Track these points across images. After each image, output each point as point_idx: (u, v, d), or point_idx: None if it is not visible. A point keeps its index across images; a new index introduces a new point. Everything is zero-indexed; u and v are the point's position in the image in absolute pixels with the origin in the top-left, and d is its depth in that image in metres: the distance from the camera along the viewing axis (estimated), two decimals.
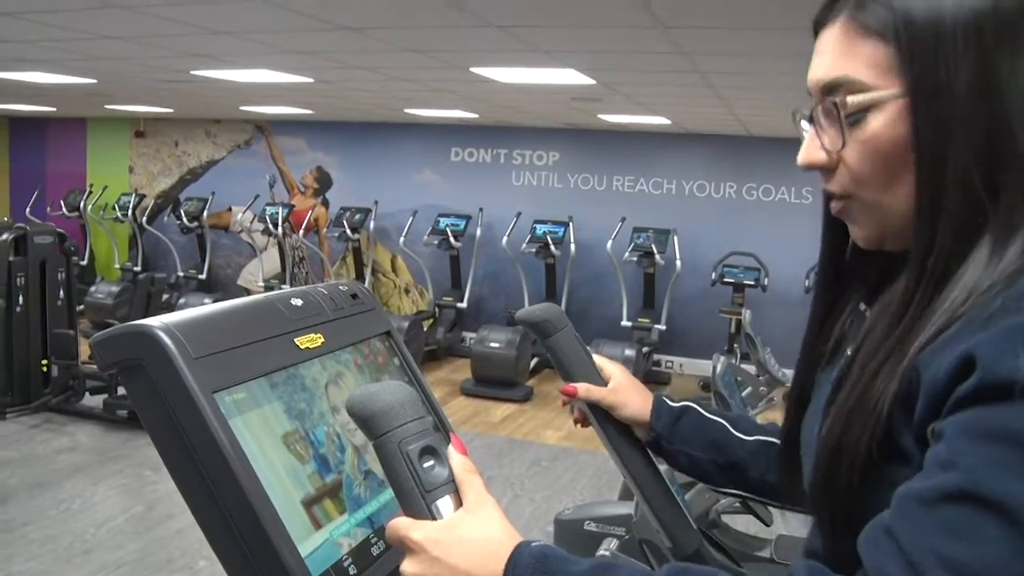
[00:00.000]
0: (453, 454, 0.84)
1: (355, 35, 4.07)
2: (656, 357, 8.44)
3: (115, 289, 8.99)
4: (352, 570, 0.91)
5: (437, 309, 9.17)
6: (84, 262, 10.42)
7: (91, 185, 10.98)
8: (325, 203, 10.17)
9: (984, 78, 0.78)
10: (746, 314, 5.30)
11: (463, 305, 8.95)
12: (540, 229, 8.48)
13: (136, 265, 10.30)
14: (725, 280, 7.80)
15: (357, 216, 9.28)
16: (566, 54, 4.38)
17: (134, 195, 10.46)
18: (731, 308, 7.69)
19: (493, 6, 3.37)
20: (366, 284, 9.23)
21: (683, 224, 8.24)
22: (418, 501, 0.80)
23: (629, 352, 7.11)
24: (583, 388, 1.32)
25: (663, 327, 8.13)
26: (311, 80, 5.86)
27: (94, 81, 6.46)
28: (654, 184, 8.85)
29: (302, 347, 1.01)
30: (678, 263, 7.92)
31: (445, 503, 0.81)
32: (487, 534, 0.81)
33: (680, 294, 8.27)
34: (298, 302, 1.06)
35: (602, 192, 9.06)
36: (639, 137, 8.79)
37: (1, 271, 5.72)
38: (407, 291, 10.00)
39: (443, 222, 8.86)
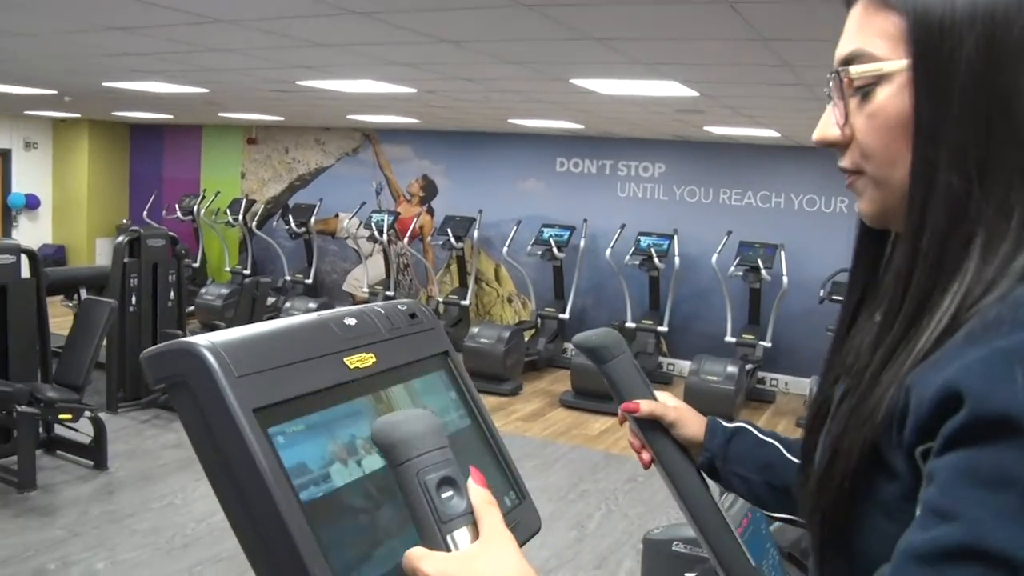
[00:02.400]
0: (472, 486, 0.82)
1: (454, 48, 4.10)
2: (760, 375, 8.27)
3: (224, 291, 9.25)
4: None
5: (539, 319, 9.17)
6: (196, 264, 10.78)
7: (204, 190, 11.37)
8: (430, 211, 10.29)
9: (989, 54, 0.76)
10: None
11: (565, 316, 8.93)
12: (644, 241, 8.41)
13: (246, 268, 10.61)
14: (834, 298, 7.56)
15: (462, 225, 9.35)
16: (666, 66, 4.32)
17: (245, 200, 10.78)
18: None
19: (591, 19, 3.34)
20: (469, 293, 9.31)
21: (791, 239, 8.05)
22: (433, 531, 0.79)
23: (732, 369, 6.97)
24: (645, 404, 1.29)
25: (768, 344, 7.96)
26: (414, 91, 5.92)
27: (206, 90, 6.67)
28: (762, 197, 8.68)
29: (351, 367, 1.00)
30: (785, 279, 7.75)
31: (462, 535, 0.79)
32: (501, 570, 0.78)
33: (786, 311, 8.08)
34: (352, 321, 1.05)
35: (708, 205, 8.93)
36: (747, 149, 8.63)
37: (116, 272, 5.94)
38: (510, 300, 10.03)
39: (547, 232, 8.86)
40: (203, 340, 0.87)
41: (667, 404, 1.31)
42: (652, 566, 3.05)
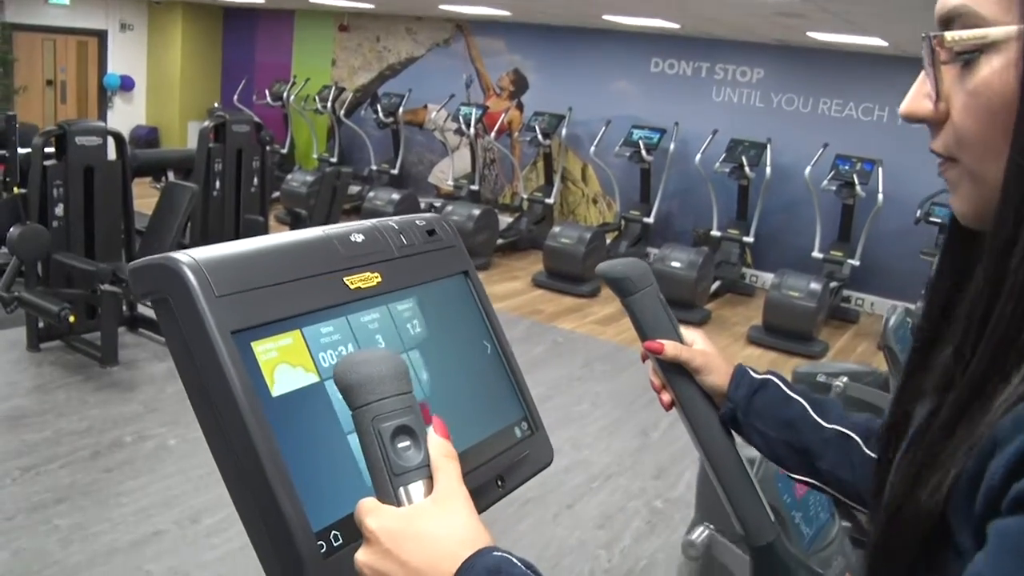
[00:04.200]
0: (432, 436, 0.76)
1: None
2: (846, 293, 8.03)
3: (310, 179, 9.29)
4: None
5: (623, 222, 9.04)
6: (284, 151, 10.87)
7: (295, 76, 11.38)
8: (519, 106, 10.13)
9: None
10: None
11: (650, 220, 8.79)
12: (736, 149, 8.15)
13: (332, 156, 10.66)
14: (931, 219, 7.25)
15: (550, 122, 9.20)
16: None
17: (334, 88, 10.76)
18: (934, 250, 7.16)
19: None
20: (554, 191, 9.22)
21: (891, 155, 7.70)
22: (385, 484, 0.74)
23: (815, 286, 6.78)
24: (671, 346, 1.21)
25: (856, 263, 7.71)
26: None
27: None
28: (864, 110, 8.30)
29: (352, 287, 0.94)
30: (880, 196, 7.46)
31: (416, 488, 0.74)
32: (447, 531, 0.72)
33: (879, 229, 7.79)
34: (359, 238, 0.99)
35: (806, 114, 8.58)
36: (851, 58, 8.21)
37: (201, 157, 5.99)
38: (595, 201, 9.90)
39: (636, 134, 8.67)
40: (186, 256, 0.83)
41: (694, 349, 1.22)
42: (706, 485, 3.01)
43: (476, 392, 1.07)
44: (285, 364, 0.84)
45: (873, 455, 1.02)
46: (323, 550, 0.79)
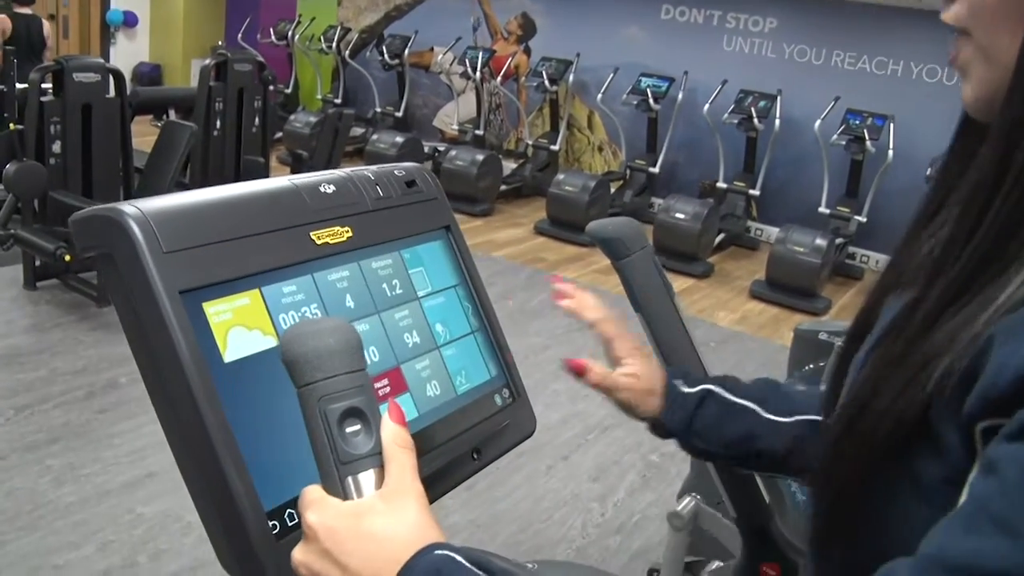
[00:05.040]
0: (386, 422, 0.68)
1: None
2: (851, 250, 7.95)
3: (313, 120, 9.14)
4: None
5: (628, 171, 8.93)
6: (288, 91, 10.72)
7: (300, 15, 11.17)
8: (527, 51, 9.96)
9: None
10: None
11: (655, 170, 8.67)
12: (746, 100, 8.01)
13: (337, 98, 10.51)
14: None
15: (557, 67, 9.05)
16: None
17: (340, 28, 10.58)
18: None
19: None
20: (560, 138, 9.11)
21: (903, 110, 7.55)
22: (331, 472, 0.67)
23: (820, 242, 6.70)
24: (597, 372, 1.13)
25: (863, 219, 7.60)
26: None
27: None
28: (878, 64, 8.12)
29: (319, 242, 0.88)
30: (890, 152, 7.33)
31: (366, 478, 0.67)
32: (393, 533, 0.65)
33: (888, 186, 7.67)
34: (329, 189, 0.92)
35: (819, 67, 8.41)
36: (867, 10, 8.03)
37: (202, 96, 5.89)
38: (600, 149, 9.78)
39: (644, 82, 8.52)
40: (131, 208, 0.76)
41: (620, 380, 1.14)
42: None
43: (453, 357, 1.01)
44: (240, 327, 0.78)
45: None
46: (275, 531, 0.74)
